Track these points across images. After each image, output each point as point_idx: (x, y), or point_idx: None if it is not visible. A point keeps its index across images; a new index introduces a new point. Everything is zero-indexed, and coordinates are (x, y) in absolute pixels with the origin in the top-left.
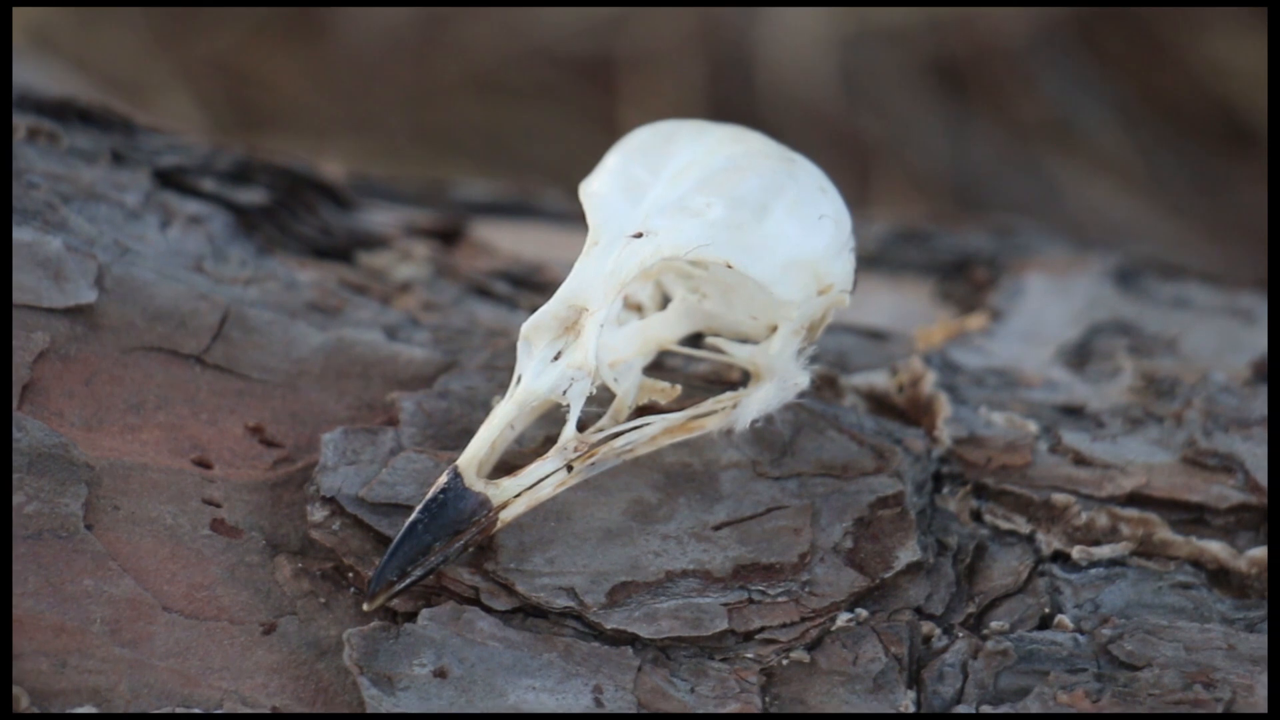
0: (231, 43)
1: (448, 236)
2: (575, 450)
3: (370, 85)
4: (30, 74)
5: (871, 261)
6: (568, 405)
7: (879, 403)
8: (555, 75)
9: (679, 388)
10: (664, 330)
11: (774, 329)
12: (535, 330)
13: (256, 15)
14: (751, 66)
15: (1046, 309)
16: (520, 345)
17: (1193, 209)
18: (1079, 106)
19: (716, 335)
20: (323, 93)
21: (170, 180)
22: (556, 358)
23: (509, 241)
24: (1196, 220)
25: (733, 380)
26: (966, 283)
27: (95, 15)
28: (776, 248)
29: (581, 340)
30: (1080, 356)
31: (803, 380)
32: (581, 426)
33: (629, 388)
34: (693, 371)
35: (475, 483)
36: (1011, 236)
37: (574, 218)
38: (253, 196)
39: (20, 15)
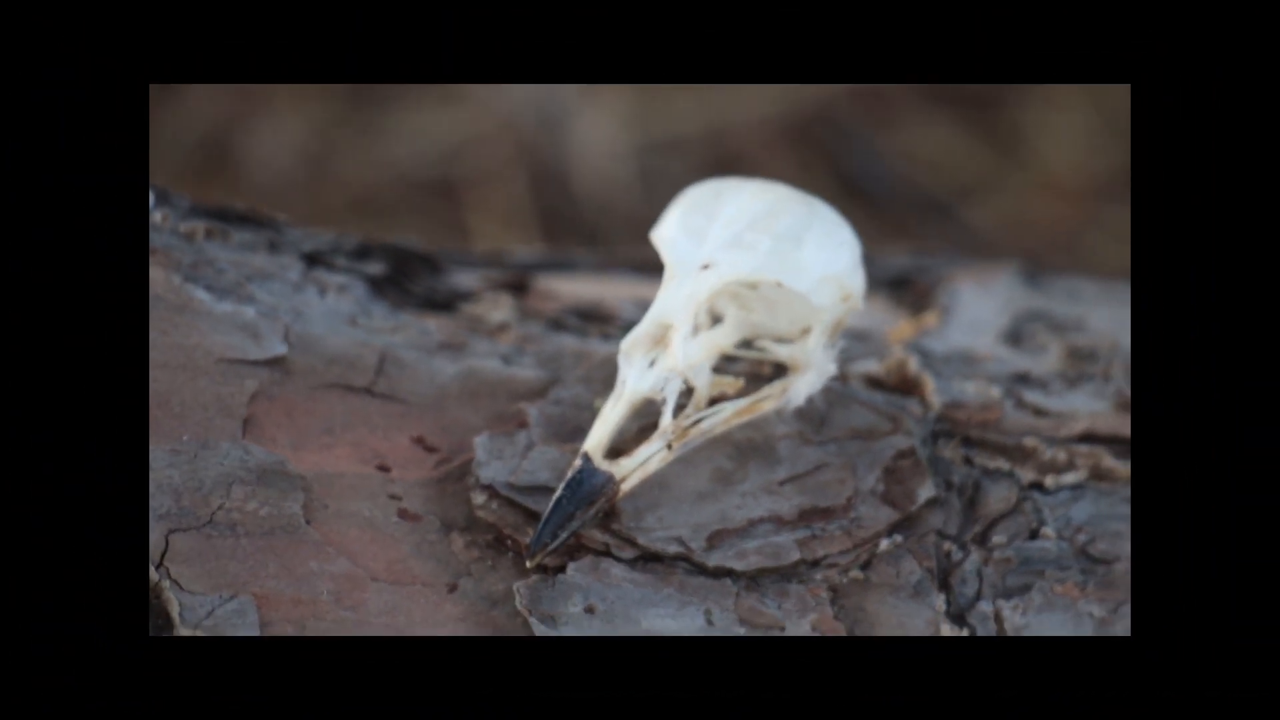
0: (165, 179)
1: (518, 287)
2: (672, 433)
3: (274, 211)
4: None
5: None
6: (663, 400)
7: (875, 384)
8: (414, 194)
9: (742, 381)
10: (723, 339)
11: (806, 331)
12: (633, 345)
13: (177, 159)
14: (566, 177)
15: (980, 305)
16: (621, 358)
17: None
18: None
19: (761, 339)
20: None
21: (314, 260)
22: (651, 365)
23: (564, 288)
24: None
25: (766, 374)
26: (912, 292)
27: None
28: (812, 268)
29: (671, 350)
30: (1014, 338)
31: (833, 368)
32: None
33: (703, 383)
34: (735, 370)
35: (601, 464)
36: (927, 258)
37: (601, 268)
38: (375, 268)
39: None
